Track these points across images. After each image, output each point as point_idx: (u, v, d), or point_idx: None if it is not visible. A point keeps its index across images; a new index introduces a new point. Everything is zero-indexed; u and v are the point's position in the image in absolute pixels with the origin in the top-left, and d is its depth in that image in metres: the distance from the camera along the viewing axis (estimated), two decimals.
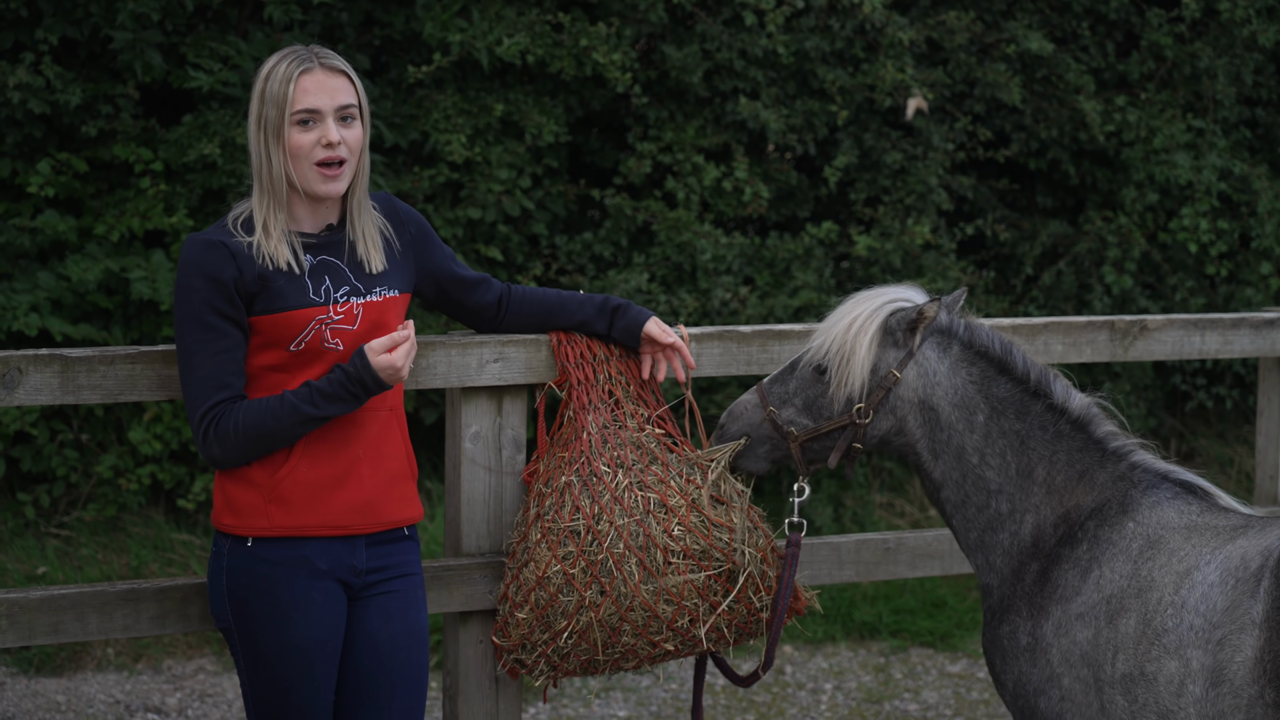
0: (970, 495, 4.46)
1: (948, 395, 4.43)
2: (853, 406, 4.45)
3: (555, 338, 4.65)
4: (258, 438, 4.03)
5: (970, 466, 4.44)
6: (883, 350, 4.44)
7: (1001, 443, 4.42)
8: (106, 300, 7.49)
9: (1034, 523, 4.40)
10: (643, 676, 7.15)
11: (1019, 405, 4.42)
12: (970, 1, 8.78)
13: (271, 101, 4.07)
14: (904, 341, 4.44)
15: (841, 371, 4.44)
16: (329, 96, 4.10)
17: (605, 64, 7.85)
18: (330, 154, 4.09)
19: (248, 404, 4.04)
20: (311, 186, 4.10)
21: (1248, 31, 8.85)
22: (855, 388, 4.43)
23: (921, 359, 4.44)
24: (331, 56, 4.13)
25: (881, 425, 4.47)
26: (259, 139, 4.09)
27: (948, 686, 7.23)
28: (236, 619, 4.12)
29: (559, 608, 4.42)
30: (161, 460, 7.69)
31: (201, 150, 7.37)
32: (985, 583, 4.48)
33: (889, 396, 4.44)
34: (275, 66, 4.09)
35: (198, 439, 4.07)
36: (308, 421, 4.05)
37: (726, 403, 8.05)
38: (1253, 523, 4.20)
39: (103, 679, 7.01)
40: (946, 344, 4.46)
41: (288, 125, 4.07)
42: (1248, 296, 9.04)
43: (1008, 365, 4.44)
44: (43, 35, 7.39)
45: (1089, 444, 4.40)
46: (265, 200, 4.11)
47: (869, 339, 4.43)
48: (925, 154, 8.55)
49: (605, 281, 7.99)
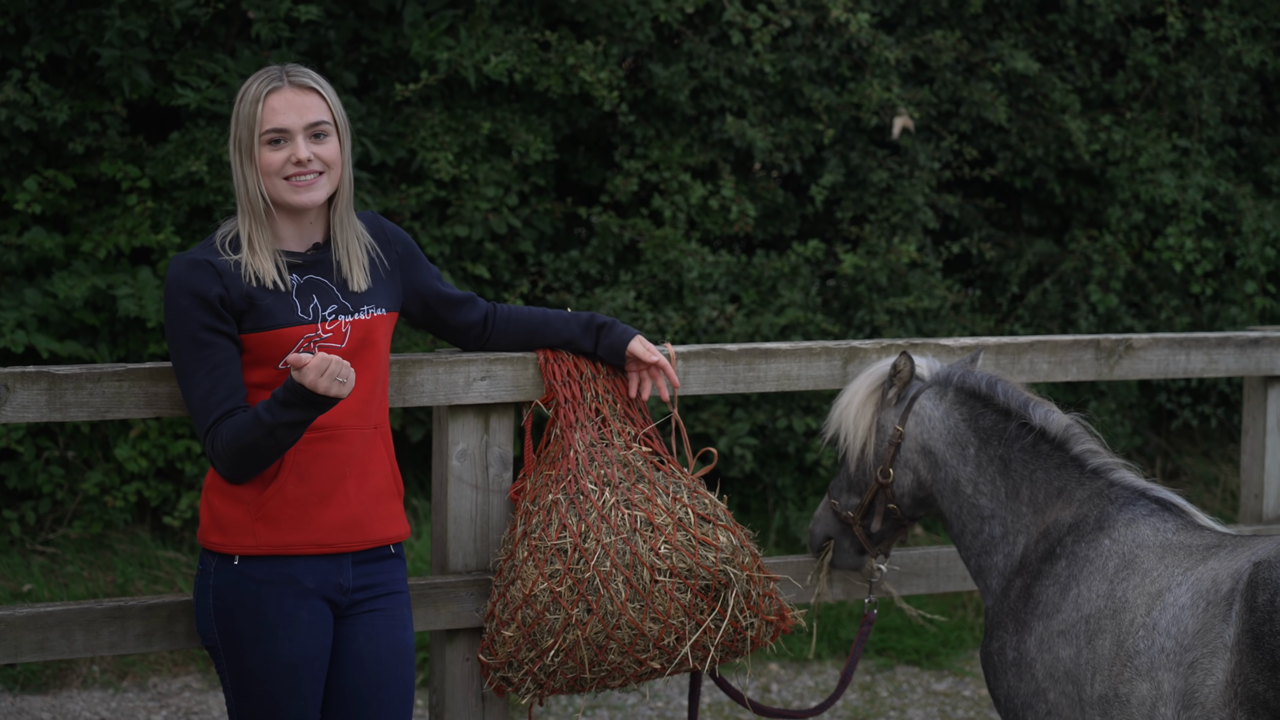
0: (968, 524, 4.65)
1: (943, 436, 4.67)
2: (875, 471, 4.75)
3: (542, 355, 4.65)
4: (241, 451, 4.02)
5: (966, 497, 4.65)
6: (881, 412, 4.76)
7: (990, 470, 4.61)
8: (93, 317, 7.49)
9: (1024, 542, 4.51)
10: (629, 694, 7.14)
11: (1000, 431, 4.60)
12: (956, 21, 8.80)
13: (243, 122, 4.11)
14: (896, 399, 4.74)
15: (854, 442, 4.79)
16: (297, 114, 4.11)
17: (592, 82, 7.86)
18: (299, 170, 4.11)
19: (230, 420, 4.04)
20: (284, 197, 4.12)
21: (1233, 51, 8.88)
22: (870, 454, 4.76)
23: (918, 409, 4.71)
24: (302, 74, 4.14)
25: (905, 480, 4.75)
26: (236, 159, 4.13)
27: (933, 704, 7.23)
28: (223, 637, 4.12)
29: (546, 626, 4.42)
30: (148, 477, 7.68)
31: (188, 167, 7.37)
32: (985, 604, 4.65)
33: (900, 451, 4.72)
34: (248, 87, 4.13)
35: (210, 458, 4.08)
36: (270, 431, 3.97)
37: (714, 420, 8.06)
38: (1226, 542, 4.23)
39: (88, 696, 7.00)
40: (942, 392, 4.72)
41: (258, 144, 4.10)
42: (1232, 315, 9.06)
43: (991, 398, 4.66)
44: (30, 52, 7.38)
45: (1066, 461, 4.53)
46: (247, 220, 4.13)
47: (864, 406, 4.77)
48: (911, 173, 8.57)
49: (592, 299, 8.00)
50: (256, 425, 3.98)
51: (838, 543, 4.95)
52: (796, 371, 5.07)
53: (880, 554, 4.91)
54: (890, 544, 4.92)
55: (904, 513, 4.79)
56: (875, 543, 4.88)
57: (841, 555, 4.97)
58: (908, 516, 4.81)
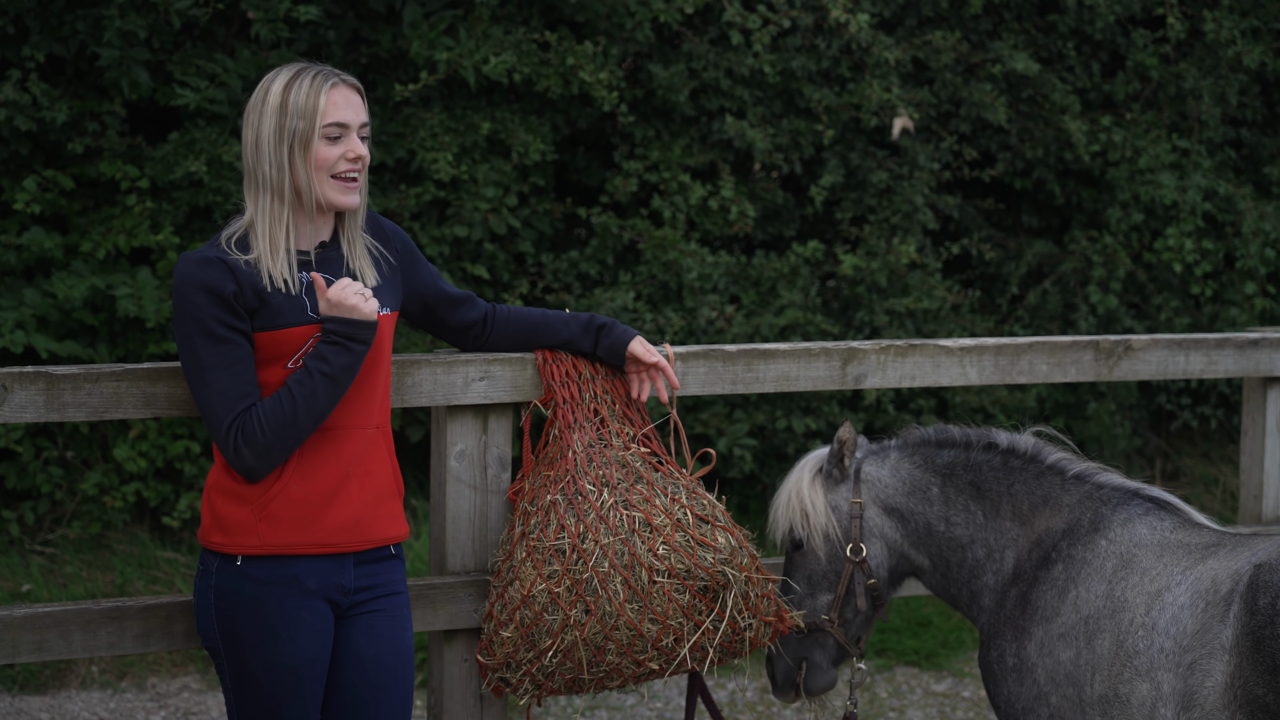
0: (949, 557, 4.66)
1: (900, 489, 4.69)
2: (845, 550, 4.70)
3: (541, 356, 4.65)
4: (282, 426, 4.01)
5: (939, 534, 4.65)
6: (831, 491, 4.73)
7: (961, 499, 4.62)
8: (92, 317, 7.48)
9: (1014, 555, 4.50)
10: (628, 695, 7.14)
11: (964, 461, 4.63)
12: (956, 21, 8.80)
13: (298, 114, 4.06)
14: (842, 474, 4.73)
15: (815, 530, 4.72)
16: (354, 112, 4.13)
17: (592, 83, 7.86)
18: (353, 167, 4.12)
19: (263, 402, 4.03)
20: (330, 196, 4.11)
21: (1232, 52, 8.88)
22: (836, 535, 4.71)
23: (866, 476, 4.71)
24: (347, 75, 4.16)
25: (876, 550, 4.72)
26: (278, 151, 4.08)
27: (933, 705, 7.23)
28: (224, 638, 4.11)
29: (544, 626, 4.42)
30: (146, 478, 7.68)
31: (188, 168, 7.37)
32: (979, 622, 4.63)
33: (864, 523, 4.69)
34: (297, 80, 4.08)
35: (227, 452, 4.04)
36: (315, 390, 4.02)
37: (713, 421, 8.06)
38: (1224, 541, 4.23)
39: (86, 697, 7.00)
40: (883, 454, 4.74)
41: (317, 137, 4.08)
42: (1232, 316, 9.06)
43: (944, 438, 4.70)
44: (29, 52, 7.38)
45: (1044, 471, 4.57)
46: (272, 214, 4.09)
47: (812, 493, 4.73)
48: (911, 173, 8.57)
49: (591, 300, 7.99)
50: (299, 386, 4.01)
51: (810, 661, 4.80)
52: (795, 372, 5.07)
53: (859, 653, 4.80)
54: (866, 639, 4.84)
55: (882, 587, 4.75)
56: (855, 640, 4.79)
57: (815, 674, 4.81)
58: (885, 594, 4.77)
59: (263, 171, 4.09)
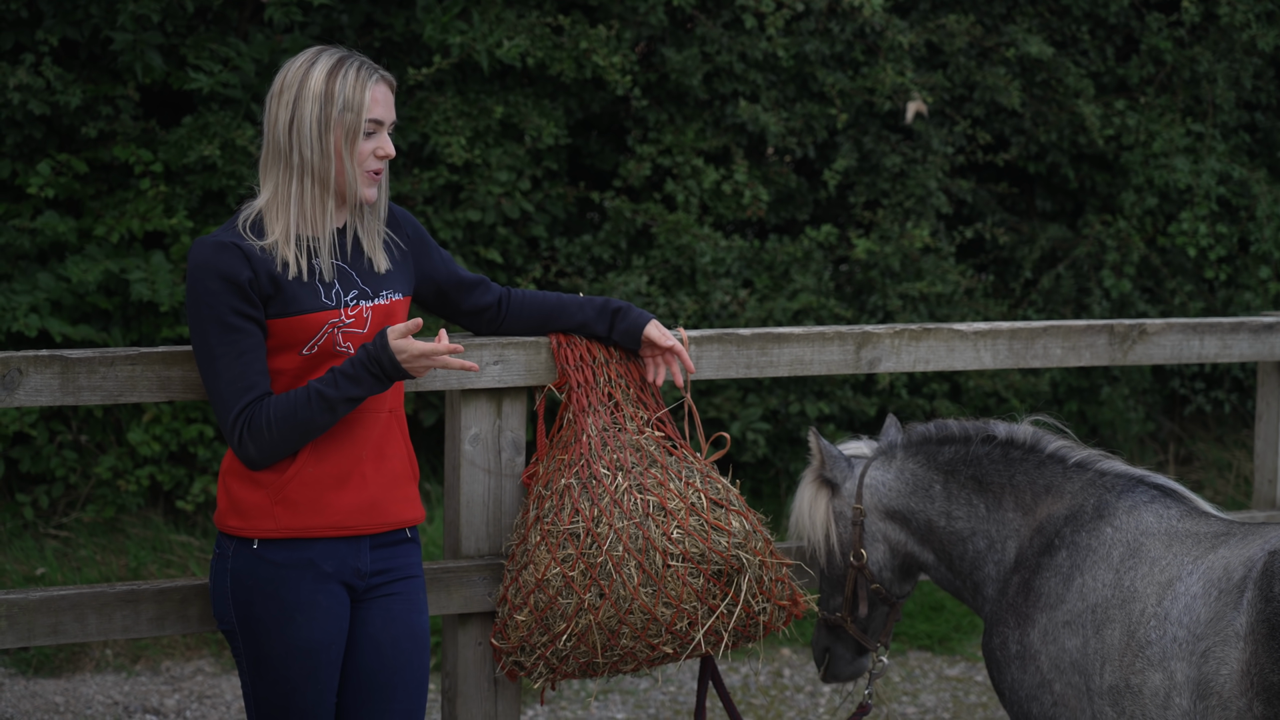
0: (951, 551, 4.67)
1: (902, 491, 4.72)
2: (847, 556, 4.77)
3: (555, 340, 4.65)
4: (290, 428, 4.02)
5: (941, 530, 4.67)
6: (834, 502, 4.78)
7: (964, 494, 4.63)
8: (106, 301, 7.49)
9: (1016, 545, 4.51)
10: (641, 679, 7.15)
11: (965, 456, 4.64)
12: (970, 5, 8.78)
13: (348, 106, 4.06)
14: (840, 480, 4.78)
15: (818, 539, 4.80)
16: (389, 110, 4.15)
17: (605, 66, 7.85)
18: (380, 165, 4.13)
19: (276, 398, 4.03)
20: (359, 188, 4.12)
21: (1247, 36, 8.85)
22: (836, 543, 4.78)
23: (869, 481, 4.75)
24: (384, 70, 4.17)
25: (878, 554, 4.77)
26: (323, 139, 4.07)
27: (945, 690, 7.24)
28: (240, 621, 4.12)
29: (558, 610, 4.42)
30: (160, 461, 7.69)
31: (201, 152, 7.38)
32: (983, 612, 4.64)
33: (866, 529, 4.74)
34: (341, 69, 4.08)
35: (232, 442, 4.05)
36: (331, 405, 4.02)
37: (727, 405, 8.06)
38: (1234, 530, 4.21)
39: (101, 680, 7.02)
40: (889, 456, 4.77)
41: (361, 131, 4.09)
42: (1246, 301, 9.04)
43: (945, 435, 4.71)
44: (43, 36, 7.39)
45: (1045, 460, 4.57)
46: (320, 197, 4.10)
47: (815, 504, 4.79)
48: (924, 157, 8.56)
49: (604, 284, 7.99)
50: (318, 400, 4.01)
51: (833, 652, 4.93)
52: (809, 356, 5.07)
53: (880, 645, 4.88)
54: (889, 633, 4.90)
55: (888, 589, 4.79)
56: (871, 634, 4.86)
57: (839, 663, 4.93)
58: (892, 594, 4.82)
59: (302, 155, 4.07)
